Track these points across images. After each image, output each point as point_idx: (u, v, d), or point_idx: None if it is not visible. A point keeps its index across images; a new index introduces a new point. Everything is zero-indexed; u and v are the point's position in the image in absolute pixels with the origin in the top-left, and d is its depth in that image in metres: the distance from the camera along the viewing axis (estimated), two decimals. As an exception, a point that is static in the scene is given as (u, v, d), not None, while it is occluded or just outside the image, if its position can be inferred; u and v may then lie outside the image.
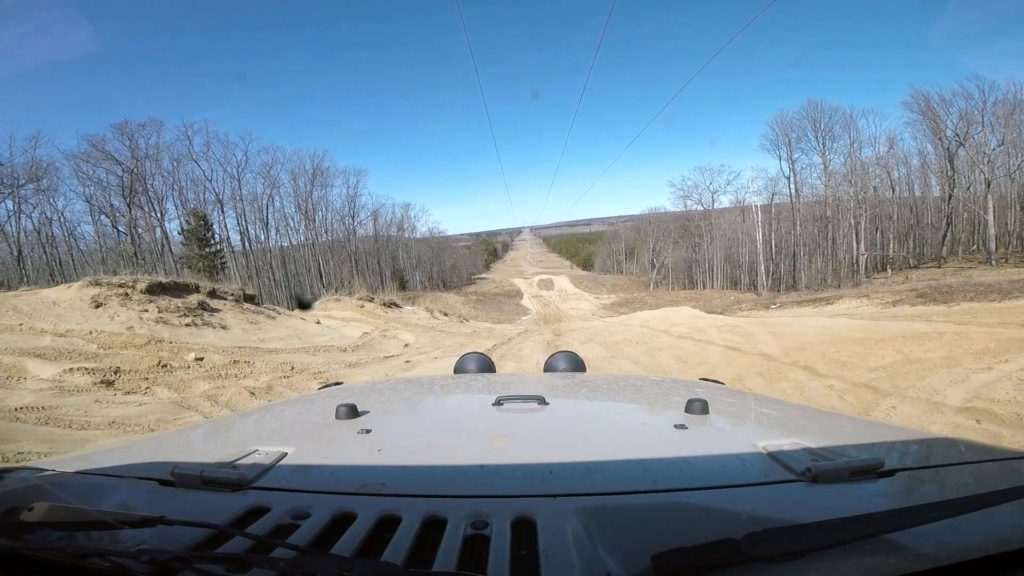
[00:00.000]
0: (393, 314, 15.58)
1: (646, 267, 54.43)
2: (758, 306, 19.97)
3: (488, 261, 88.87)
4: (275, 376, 6.94)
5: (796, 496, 0.64)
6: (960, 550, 0.51)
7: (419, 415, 1.26)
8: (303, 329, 11.04)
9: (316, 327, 11.47)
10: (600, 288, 51.81)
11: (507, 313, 39.50)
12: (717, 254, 44.86)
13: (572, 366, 1.97)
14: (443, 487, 0.69)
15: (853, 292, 18.83)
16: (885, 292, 16.77)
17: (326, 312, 14.06)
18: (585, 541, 0.53)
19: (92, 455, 0.91)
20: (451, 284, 58.68)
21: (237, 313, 10.65)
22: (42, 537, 0.53)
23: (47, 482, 0.74)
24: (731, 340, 8.23)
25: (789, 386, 5.40)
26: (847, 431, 1.07)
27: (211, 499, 0.67)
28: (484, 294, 50.43)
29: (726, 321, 11.62)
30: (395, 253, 54.17)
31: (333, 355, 9.03)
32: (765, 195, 40.16)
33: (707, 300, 38.57)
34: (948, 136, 28.82)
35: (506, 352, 9.86)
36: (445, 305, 40.69)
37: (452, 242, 74.26)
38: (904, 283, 25.53)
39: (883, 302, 15.06)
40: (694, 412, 0.98)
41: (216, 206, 37.90)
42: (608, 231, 78.27)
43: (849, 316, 13.36)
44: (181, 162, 35.80)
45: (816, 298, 18.58)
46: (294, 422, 1.21)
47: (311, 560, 0.48)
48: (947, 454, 0.92)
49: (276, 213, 42.86)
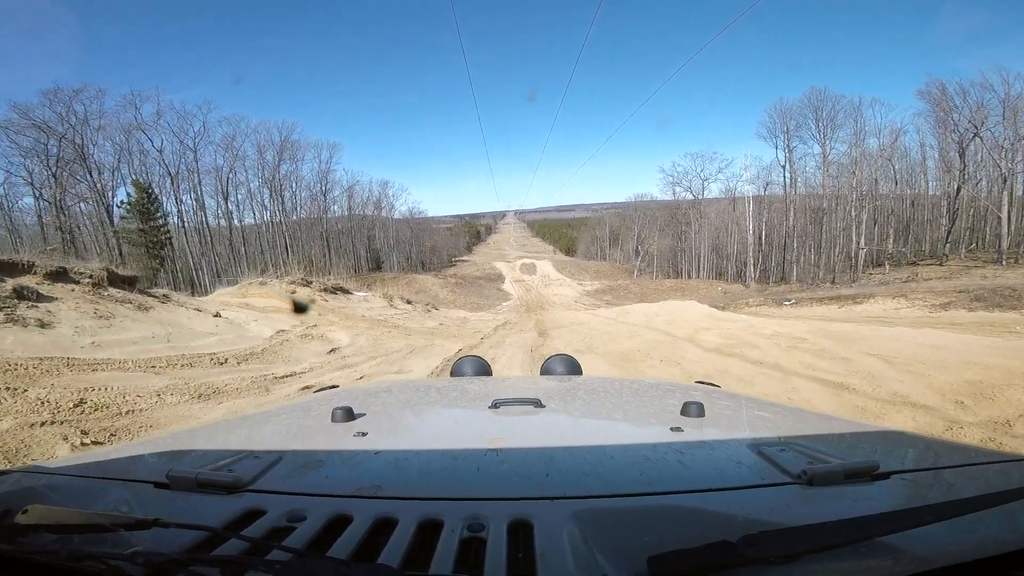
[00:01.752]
0: (335, 303, 12.06)
1: (630, 254, 51.91)
2: (768, 302, 17.21)
3: (470, 244, 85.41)
4: (17, 423, 3.64)
5: (791, 498, 0.62)
6: (955, 553, 0.49)
7: (415, 418, 1.20)
8: (186, 326, 7.65)
9: (210, 322, 8.08)
10: (583, 274, 49.03)
11: (487, 298, 36.29)
12: (704, 243, 42.53)
13: (568, 369, 1.91)
14: (439, 490, 0.67)
15: (884, 291, 16.20)
16: (923, 293, 14.12)
17: (243, 299, 10.58)
18: (581, 544, 0.52)
19: (87, 457, 0.88)
20: (430, 266, 55.32)
21: (86, 303, 7.20)
22: (37, 540, 0.52)
23: (41, 485, 0.73)
24: (814, 366, 5.23)
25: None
26: (842, 433, 1.04)
27: (207, 502, 0.65)
28: (464, 277, 46.89)
29: (763, 327, 8.66)
30: (371, 233, 50.40)
31: (197, 372, 5.72)
32: (758, 184, 37.62)
33: (694, 290, 36.26)
34: (961, 129, 26.39)
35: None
36: (417, 289, 37.32)
37: (435, 224, 71.01)
38: (910, 280, 23.30)
39: (927, 305, 12.39)
40: (690, 415, 0.96)
41: (167, 179, 33.65)
42: (592, 217, 75.63)
43: (891, 321, 10.63)
44: (132, 133, 31.55)
45: (839, 295, 15.88)
46: (290, 425, 1.16)
47: (307, 563, 0.47)
48: (942, 457, 0.90)
49: (241, 188, 38.72)
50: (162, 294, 9.17)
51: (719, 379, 5.18)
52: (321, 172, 44.21)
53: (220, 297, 11.15)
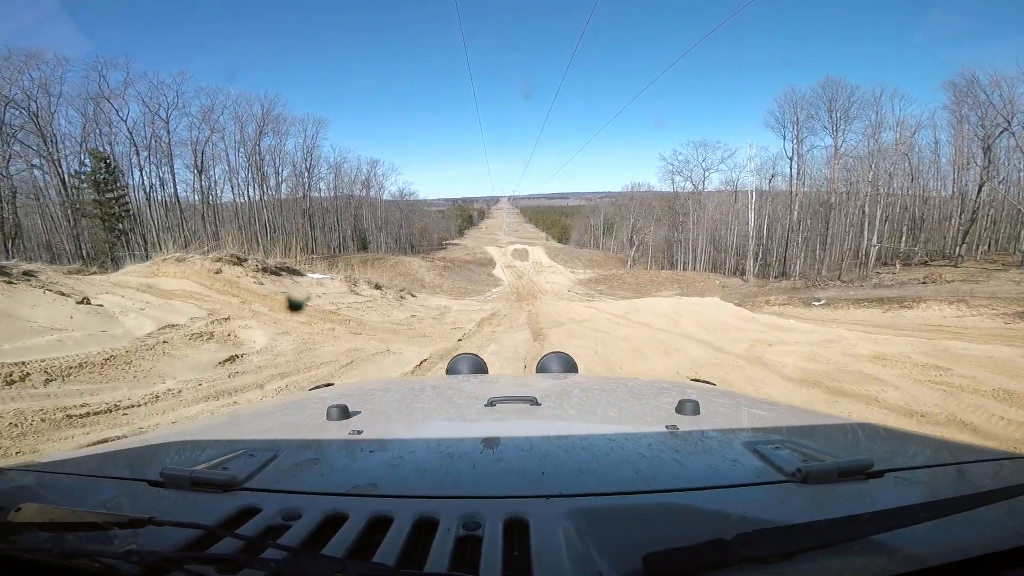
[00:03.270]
0: (273, 287, 9.42)
1: (623, 243, 49.48)
2: (792, 301, 14.96)
3: (462, 227, 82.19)
4: None
5: (786, 497, 0.62)
6: (948, 551, 0.49)
7: (411, 416, 1.17)
8: (23, 317, 5.11)
9: (65, 312, 5.52)
10: (576, 262, 46.61)
11: (476, 283, 33.73)
12: (703, 235, 40.28)
13: (564, 367, 1.87)
14: (435, 488, 0.66)
15: (931, 293, 14.00)
16: (986, 299, 11.93)
17: (150, 280, 7.99)
18: (577, 542, 0.52)
19: (81, 455, 0.87)
20: (420, 249, 52.46)
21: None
22: (30, 538, 0.51)
23: (35, 483, 0.72)
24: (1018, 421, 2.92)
25: None
26: (837, 432, 1.03)
27: (201, 500, 0.63)
28: (453, 261, 44.16)
29: (852, 341, 6.36)
30: (358, 212, 47.29)
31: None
32: (763, 175, 35.26)
33: (691, 282, 34.04)
34: (988, 124, 24.12)
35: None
36: (402, 272, 34.46)
37: (428, 207, 67.94)
38: (929, 282, 21.28)
39: (996, 313, 10.20)
40: (685, 413, 0.95)
41: (132, 149, 30.37)
42: (586, 206, 72.92)
43: (960, 331, 8.40)
44: (99, 102, 28.26)
45: (882, 298, 13.65)
46: (285, 423, 1.14)
47: (302, 561, 0.47)
48: (935, 455, 0.89)
49: (221, 163, 35.40)
50: (22, 270, 6.58)
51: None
52: (307, 148, 40.94)
53: (123, 276, 8.55)
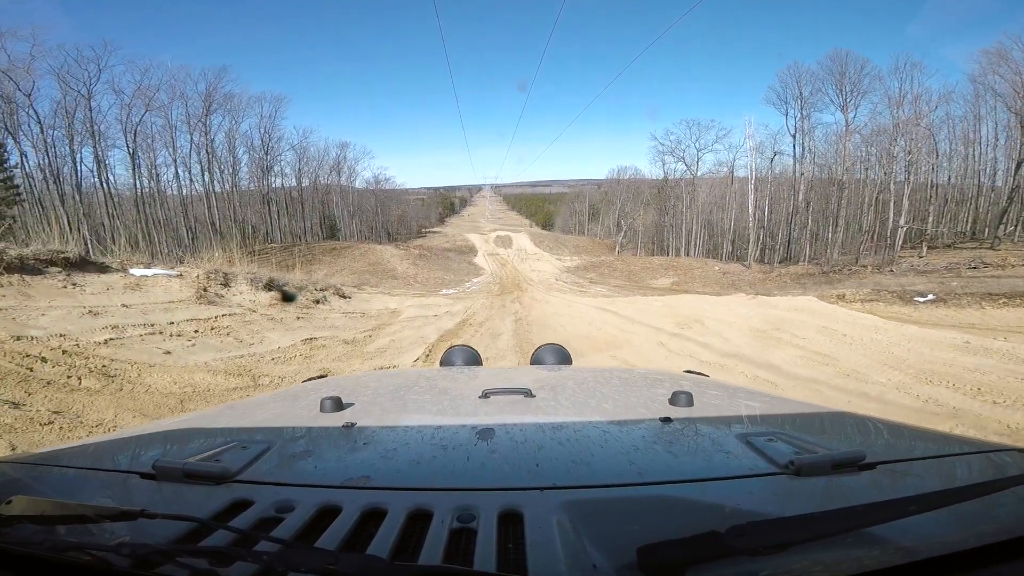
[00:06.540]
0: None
1: (611, 229, 45.34)
2: (882, 296, 10.76)
3: (443, 215, 77.06)
4: None
5: (779, 489, 0.61)
6: (940, 544, 0.48)
7: (404, 408, 1.13)
8: None
9: None
10: (562, 249, 42.28)
11: (454, 273, 29.06)
12: (697, 219, 36.32)
13: (559, 359, 1.80)
14: (429, 480, 0.64)
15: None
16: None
17: None
18: (571, 534, 0.51)
19: (72, 448, 0.85)
20: (398, 237, 47.36)
21: None
22: (20, 531, 0.49)
23: (25, 475, 0.70)
24: None
25: None
26: (830, 424, 1.02)
27: (193, 492, 0.62)
28: (430, 249, 39.30)
29: None
30: (326, 199, 41.87)
31: None
32: (764, 155, 31.20)
33: (687, 269, 29.95)
34: None
35: None
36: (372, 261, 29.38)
37: (408, 195, 62.65)
38: (977, 266, 17.62)
39: None
40: (679, 405, 0.93)
41: (37, 128, 24.61)
42: (570, 192, 68.46)
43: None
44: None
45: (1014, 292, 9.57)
46: (278, 415, 1.10)
47: (295, 553, 0.45)
48: (928, 447, 0.87)
49: (158, 145, 29.54)
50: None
51: None
52: (264, 129, 35.10)
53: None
